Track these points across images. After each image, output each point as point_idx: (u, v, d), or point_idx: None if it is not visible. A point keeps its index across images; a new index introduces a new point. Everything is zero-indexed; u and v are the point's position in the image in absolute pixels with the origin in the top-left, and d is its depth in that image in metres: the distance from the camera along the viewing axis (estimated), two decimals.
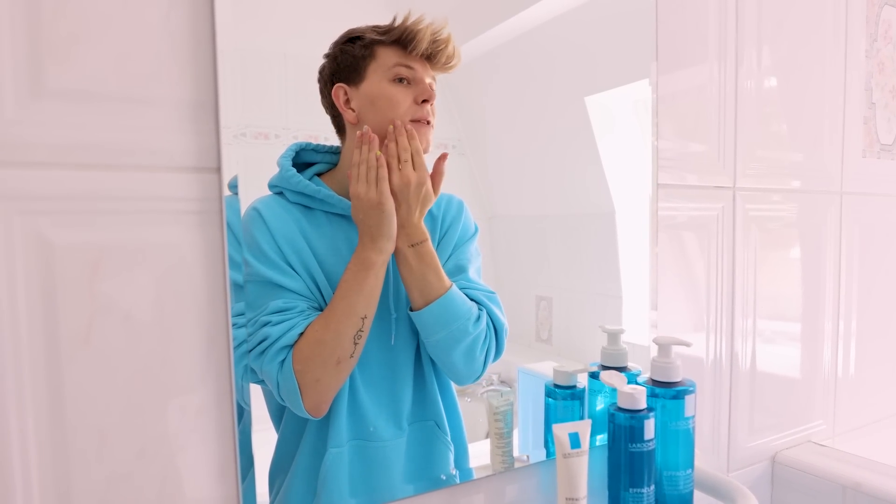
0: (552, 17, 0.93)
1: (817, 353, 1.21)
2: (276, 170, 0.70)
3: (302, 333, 0.65)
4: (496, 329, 0.77)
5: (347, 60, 0.70)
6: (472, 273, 0.78)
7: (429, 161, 0.72)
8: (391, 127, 0.69)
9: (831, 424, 1.24)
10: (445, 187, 0.78)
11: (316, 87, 0.71)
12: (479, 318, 0.75)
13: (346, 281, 0.67)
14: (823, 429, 1.23)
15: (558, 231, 0.98)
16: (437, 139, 0.85)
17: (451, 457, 0.78)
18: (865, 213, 1.27)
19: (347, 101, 0.70)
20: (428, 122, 0.72)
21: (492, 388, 0.90)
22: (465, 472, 0.80)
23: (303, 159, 0.72)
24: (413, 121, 0.70)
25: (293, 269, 0.67)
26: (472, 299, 0.75)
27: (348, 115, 0.70)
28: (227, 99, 0.61)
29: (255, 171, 0.69)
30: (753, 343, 1.09)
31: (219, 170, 0.60)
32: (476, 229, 0.81)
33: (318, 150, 0.73)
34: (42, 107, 0.53)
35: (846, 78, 1.21)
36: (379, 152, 0.68)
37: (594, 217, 1.00)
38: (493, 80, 0.90)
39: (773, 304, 1.12)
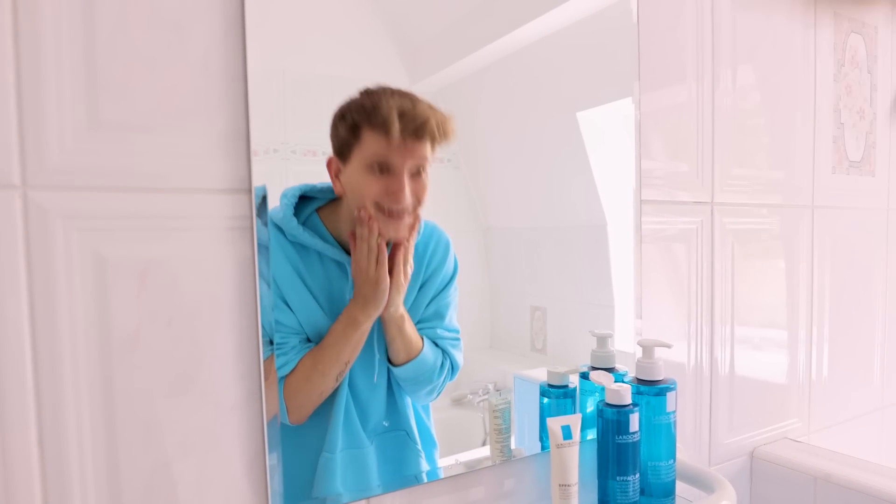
0: (542, 36, 0.98)
1: (793, 356, 1.28)
2: (275, 183, 0.75)
3: (294, 368, 0.73)
4: (453, 368, 0.87)
5: (338, 139, 0.73)
6: (447, 319, 0.86)
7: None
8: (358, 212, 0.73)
9: (806, 422, 1.32)
10: (441, 200, 0.83)
11: (315, 101, 0.75)
12: (442, 365, 0.85)
13: (335, 331, 0.76)
14: (799, 426, 1.30)
15: (552, 242, 1.01)
16: (435, 153, 0.90)
17: (422, 461, 0.85)
18: (835, 225, 1.35)
19: (338, 174, 0.74)
20: (401, 215, 0.75)
21: (488, 396, 0.96)
22: (432, 473, 0.87)
23: (305, 195, 0.76)
24: (380, 211, 0.74)
25: (288, 306, 0.74)
26: (439, 345, 0.85)
27: (336, 187, 0.74)
28: (262, 114, 0.66)
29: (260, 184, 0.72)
30: (732, 348, 1.16)
31: (249, 191, 0.67)
32: (456, 269, 0.87)
33: (320, 188, 0.77)
34: (97, 137, 0.60)
35: (816, 100, 1.30)
36: (379, 237, 0.74)
37: (586, 229, 1.04)
38: (486, 95, 0.94)
39: (751, 311, 1.20)
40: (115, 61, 0.60)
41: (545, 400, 0.96)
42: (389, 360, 0.82)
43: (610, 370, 0.97)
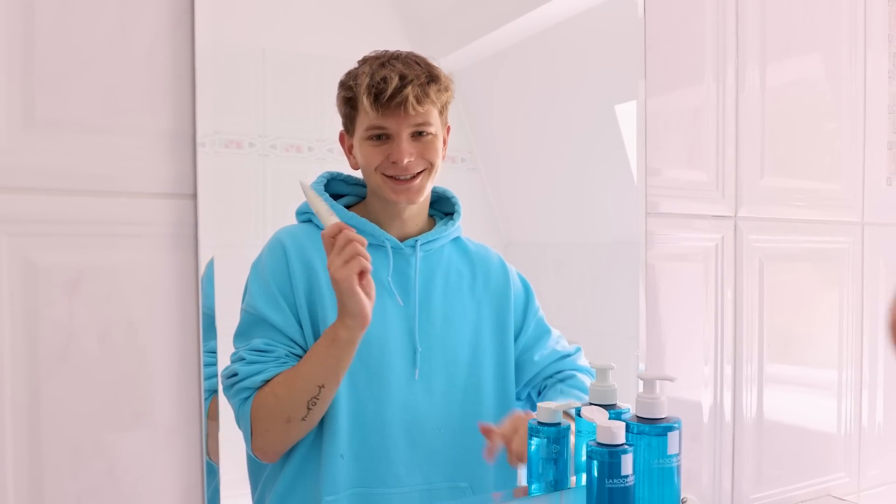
0: (568, 17, 1.01)
1: (839, 399, 1.33)
2: (249, 184, 0.84)
3: (268, 381, 0.80)
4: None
5: (342, 113, 0.85)
6: (552, 335, 0.99)
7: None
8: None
9: (855, 478, 1.36)
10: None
11: (298, 87, 0.84)
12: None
13: (314, 348, 0.82)
14: (846, 482, 1.34)
15: (585, 261, 1.03)
16: (447, 151, 0.92)
17: None
18: (891, 245, 1.40)
19: (351, 147, 0.85)
20: (410, 179, 0.85)
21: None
22: None
23: (332, 190, 0.87)
24: (387, 178, 0.84)
25: (293, 310, 0.82)
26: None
27: (351, 161, 0.86)
28: (207, 111, 0.73)
29: (225, 185, 0.78)
30: (760, 387, 1.22)
31: (195, 196, 0.75)
32: (527, 285, 0.98)
33: (347, 181, 0.88)
34: (32, 136, 0.69)
35: (866, 100, 1.36)
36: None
37: (626, 246, 1.06)
38: (503, 83, 0.97)
39: (785, 346, 1.25)
40: (53, 57, 0.69)
41: (533, 441, 1.02)
42: None
43: (610, 407, 1.02)
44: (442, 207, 0.94)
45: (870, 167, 1.37)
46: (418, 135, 0.85)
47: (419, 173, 0.86)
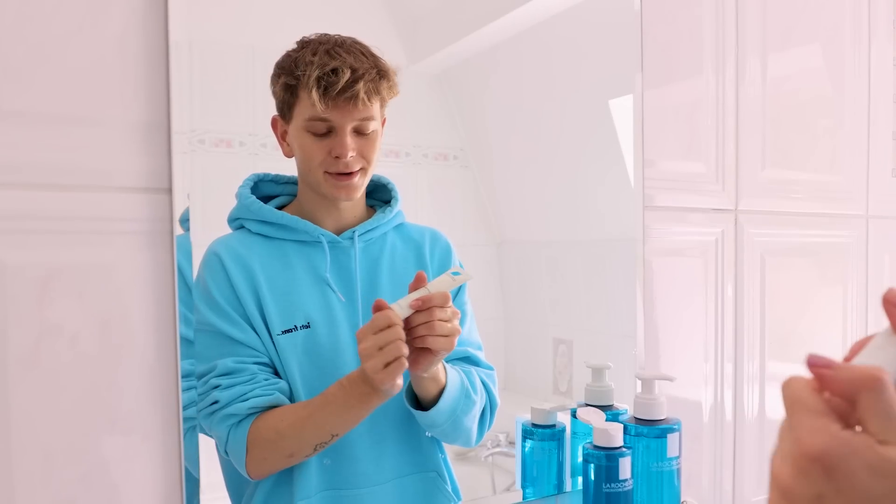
0: (563, 9, 1.01)
1: None
2: (239, 182, 0.82)
3: (268, 409, 0.78)
4: (492, 407, 0.92)
5: (277, 98, 0.81)
6: (464, 330, 0.90)
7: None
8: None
9: None
10: (446, 207, 0.88)
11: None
12: (468, 397, 0.87)
13: (332, 398, 0.79)
14: None
15: (579, 259, 1.03)
16: (438, 148, 0.94)
17: None
18: None
19: (284, 134, 0.82)
20: (350, 174, 0.82)
21: (497, 449, 1.00)
22: None
23: (262, 192, 0.85)
24: (328, 173, 0.81)
25: (246, 320, 0.80)
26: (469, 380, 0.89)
27: (284, 149, 0.83)
28: (183, 104, 0.72)
29: (215, 185, 0.78)
30: (762, 386, 1.20)
31: (170, 190, 0.73)
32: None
33: (277, 181, 0.86)
34: None
35: (870, 89, 1.35)
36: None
37: (621, 243, 1.05)
38: (497, 79, 0.96)
39: (786, 343, 1.23)
40: (18, 45, 0.67)
41: (528, 444, 1.00)
42: (416, 406, 0.85)
43: (606, 408, 1.01)
44: (380, 196, 0.91)
45: (874, 158, 1.36)
46: (360, 131, 0.82)
47: (357, 171, 0.83)
